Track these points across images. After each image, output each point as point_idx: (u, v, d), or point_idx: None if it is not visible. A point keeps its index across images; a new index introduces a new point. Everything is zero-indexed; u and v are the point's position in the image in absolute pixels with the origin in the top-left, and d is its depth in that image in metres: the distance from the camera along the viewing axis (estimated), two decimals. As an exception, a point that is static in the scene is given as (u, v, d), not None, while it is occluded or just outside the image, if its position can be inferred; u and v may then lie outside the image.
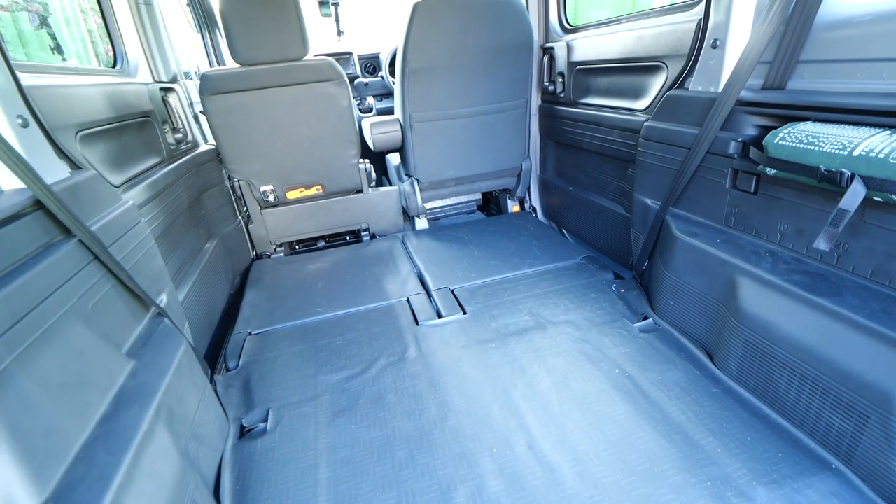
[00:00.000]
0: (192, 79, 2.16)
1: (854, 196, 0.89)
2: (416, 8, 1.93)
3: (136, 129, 1.53)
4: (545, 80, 2.26)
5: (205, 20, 2.61)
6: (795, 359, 1.01)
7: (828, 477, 0.92)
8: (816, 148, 0.98)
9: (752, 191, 1.21)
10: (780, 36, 1.14)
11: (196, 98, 2.09)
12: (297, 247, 2.42)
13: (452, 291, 1.73)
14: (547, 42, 2.25)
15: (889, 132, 0.90)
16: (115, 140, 1.38)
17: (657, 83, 1.60)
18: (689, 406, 1.11)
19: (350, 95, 2.03)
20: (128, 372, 0.91)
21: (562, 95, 2.18)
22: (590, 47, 1.95)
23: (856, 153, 0.91)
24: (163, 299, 1.20)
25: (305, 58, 1.91)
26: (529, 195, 2.60)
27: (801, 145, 1.01)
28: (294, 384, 1.30)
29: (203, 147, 2.06)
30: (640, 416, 1.10)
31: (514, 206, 2.59)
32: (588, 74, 2.00)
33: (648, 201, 1.58)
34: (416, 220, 2.43)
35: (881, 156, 0.87)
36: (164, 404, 0.89)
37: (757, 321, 1.10)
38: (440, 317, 1.58)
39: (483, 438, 1.07)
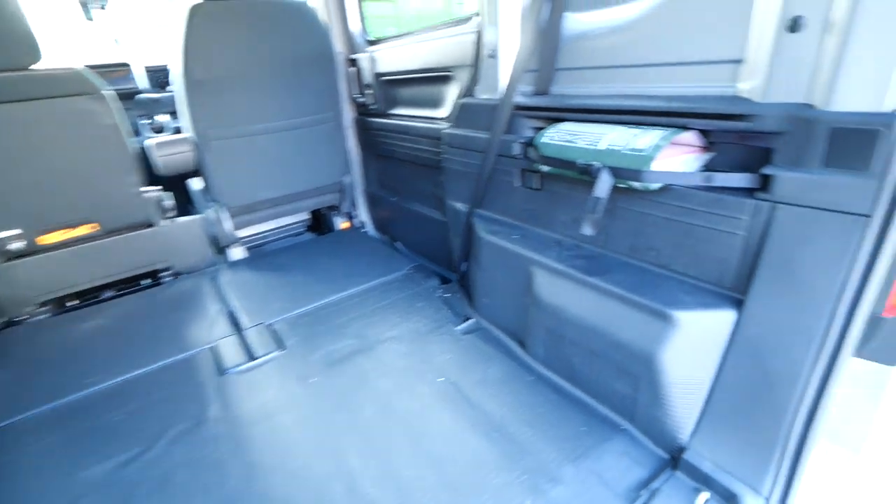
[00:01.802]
0: None
1: (603, 184, 0.99)
2: (192, 12, 1.70)
3: None
4: (355, 91, 2.21)
5: None
6: (583, 336, 1.10)
7: (619, 438, 1.01)
8: (574, 144, 1.08)
9: (538, 187, 1.30)
10: (541, 47, 1.25)
11: None
12: (68, 303, 1.93)
13: (270, 326, 1.55)
14: (352, 53, 2.21)
15: (624, 128, 1.04)
16: None
17: (452, 92, 1.66)
18: (506, 400, 1.14)
19: (116, 111, 1.69)
20: None
21: (373, 107, 2.16)
22: (391, 59, 1.95)
23: (601, 147, 1.02)
24: None
25: (38, 66, 1.53)
26: (357, 210, 2.52)
27: (563, 143, 1.11)
28: (39, 495, 0.98)
29: None
30: (464, 423, 1.08)
31: (342, 223, 2.48)
32: (393, 85, 2.01)
33: (458, 205, 1.62)
34: (230, 250, 2.16)
35: (618, 148, 0.99)
36: None
37: (551, 307, 1.17)
38: (253, 359, 1.38)
39: (295, 496, 0.93)
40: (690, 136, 0.95)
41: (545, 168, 1.18)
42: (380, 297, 1.68)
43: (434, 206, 1.97)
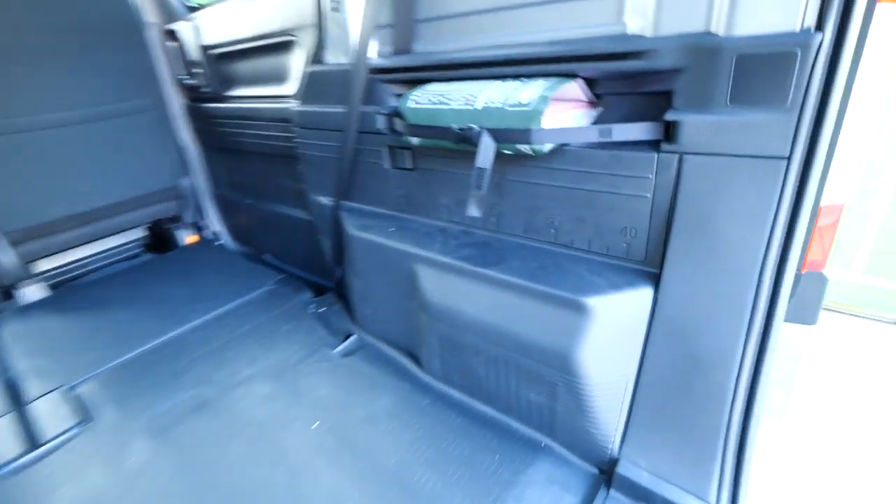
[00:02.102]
0: None
1: (486, 151, 0.79)
2: None
3: None
4: (180, 72, 1.77)
5: None
6: (485, 342, 0.90)
7: (542, 461, 0.83)
8: (446, 106, 0.86)
9: (411, 167, 1.07)
10: (394, -5, 1.01)
11: None
12: None
13: (72, 390, 1.11)
14: (168, 22, 1.75)
15: (501, 82, 0.84)
16: None
17: (297, 61, 1.35)
18: (402, 438, 0.90)
19: None
20: None
21: (206, 90, 1.74)
22: (220, 28, 1.57)
23: (479, 106, 0.81)
24: None
25: None
26: (207, 219, 2.08)
27: (433, 106, 0.88)
28: None
29: None
30: (348, 481, 0.82)
31: (188, 237, 2.02)
32: (226, 60, 1.62)
33: (322, 199, 1.33)
34: (19, 291, 1.60)
35: (498, 105, 0.79)
36: None
37: (443, 310, 0.96)
38: (38, 445, 0.96)
39: None
40: (576, 88, 0.78)
41: (415, 141, 0.95)
42: (235, 324, 1.33)
43: (298, 203, 1.64)
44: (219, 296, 1.48)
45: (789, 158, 0.60)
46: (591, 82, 0.81)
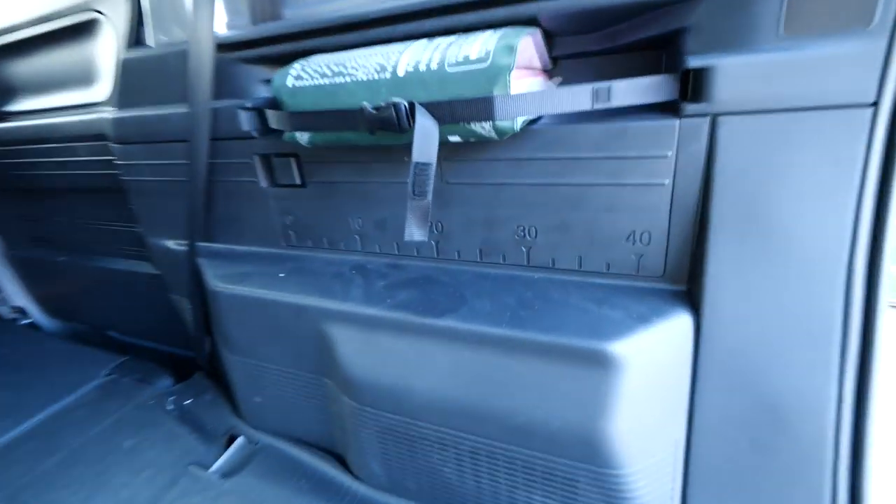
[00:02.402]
0: None
1: (426, 138, 0.50)
2: None
3: None
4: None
5: None
6: (451, 429, 0.60)
7: None
8: (349, 78, 0.56)
9: (299, 182, 0.74)
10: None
11: None
12: None
13: None
14: None
15: (426, 40, 0.56)
16: None
17: (106, 48, 0.93)
18: None
19: None
20: None
21: (-28, 107, 1.19)
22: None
23: (402, 72, 0.53)
24: None
25: None
26: (2, 291, 1.46)
27: (327, 80, 0.57)
28: None
29: None
30: None
31: (-31, 321, 1.39)
32: (1, 60, 1.12)
33: (168, 243, 0.92)
34: None
35: (433, 67, 0.51)
36: None
37: (378, 389, 0.63)
38: None
39: None
40: (531, 46, 0.53)
41: (304, 139, 0.63)
42: (44, 450, 0.84)
43: (136, 253, 1.18)
44: (20, 405, 0.96)
45: (876, 105, 0.42)
46: (548, 38, 0.58)
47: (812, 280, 0.46)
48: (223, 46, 0.72)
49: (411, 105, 0.51)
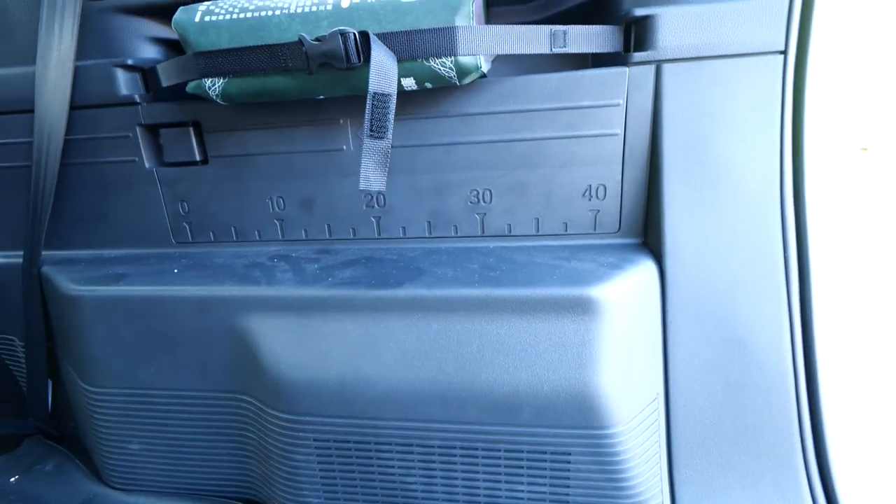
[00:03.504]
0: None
1: (383, 69, 0.44)
2: None
3: None
4: None
5: None
6: (424, 422, 0.50)
7: None
8: (281, 11, 0.48)
9: (199, 158, 0.61)
10: None
11: None
12: None
13: None
14: None
15: None
16: None
17: None
18: None
19: None
20: None
21: None
22: None
23: (347, 2, 0.47)
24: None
25: None
26: None
27: (252, 13, 0.48)
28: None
29: None
30: None
31: None
32: None
33: (-8, 256, 0.68)
34: None
35: None
36: None
37: (322, 390, 0.51)
38: None
39: None
40: (479, 6, 0.53)
41: (216, 89, 0.52)
42: None
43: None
44: None
45: (785, 53, 0.48)
46: (487, 9, 0.58)
47: (755, 212, 0.50)
48: (91, -7, 0.58)
49: (364, 35, 0.45)
